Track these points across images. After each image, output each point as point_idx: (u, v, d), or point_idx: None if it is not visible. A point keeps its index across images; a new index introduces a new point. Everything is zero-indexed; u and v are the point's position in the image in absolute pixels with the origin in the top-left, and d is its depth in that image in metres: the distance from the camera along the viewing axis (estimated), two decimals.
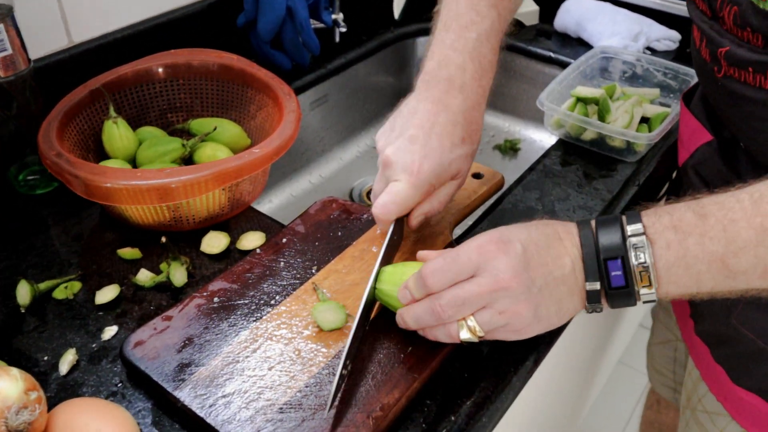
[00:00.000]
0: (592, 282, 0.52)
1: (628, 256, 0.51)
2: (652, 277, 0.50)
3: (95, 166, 0.65)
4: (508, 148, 1.16)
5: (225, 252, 0.70)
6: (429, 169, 0.60)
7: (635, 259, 0.50)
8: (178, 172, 0.65)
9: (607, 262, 0.51)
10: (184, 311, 0.61)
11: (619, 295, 0.52)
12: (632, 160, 0.84)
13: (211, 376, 0.55)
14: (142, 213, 0.70)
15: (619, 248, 0.51)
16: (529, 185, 0.81)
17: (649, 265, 0.50)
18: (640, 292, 0.51)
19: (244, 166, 0.68)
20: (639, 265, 0.50)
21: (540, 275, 0.51)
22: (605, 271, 0.51)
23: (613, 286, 0.51)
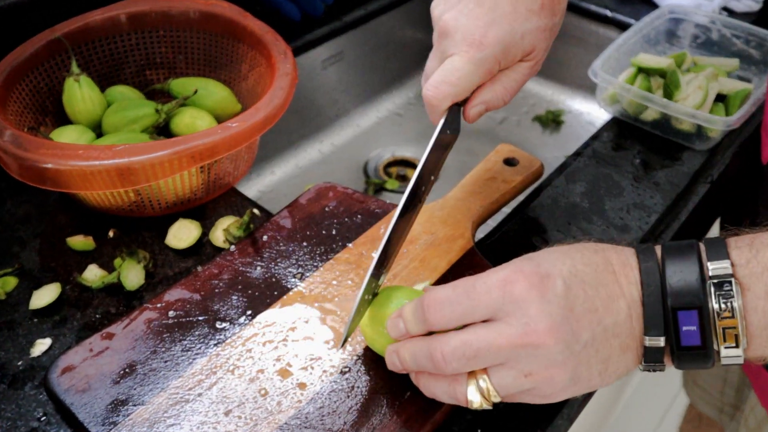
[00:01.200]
0: (653, 337, 0.38)
1: (707, 306, 0.37)
2: (740, 336, 0.37)
3: (32, 140, 0.53)
4: (550, 120, 1.01)
5: (195, 246, 0.58)
6: (496, 38, 0.48)
7: (718, 311, 0.37)
8: (133, 150, 0.52)
9: (678, 313, 0.37)
10: (129, 328, 0.49)
11: (691, 356, 0.38)
12: (703, 148, 0.69)
13: (152, 419, 0.43)
14: (99, 195, 0.57)
15: (696, 294, 0.37)
16: (573, 175, 0.66)
17: (738, 320, 0.36)
18: (721, 353, 0.37)
19: (220, 143, 0.54)
20: (723, 319, 0.37)
21: (586, 326, 0.38)
22: (673, 323, 0.38)
23: (684, 345, 0.38)
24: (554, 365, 0.37)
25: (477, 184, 0.60)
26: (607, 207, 0.62)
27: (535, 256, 0.40)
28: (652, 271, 0.38)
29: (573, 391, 0.39)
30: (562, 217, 0.61)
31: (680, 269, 0.38)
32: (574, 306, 0.38)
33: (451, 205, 0.58)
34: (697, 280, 0.37)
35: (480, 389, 0.39)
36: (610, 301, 0.38)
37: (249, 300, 0.50)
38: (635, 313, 0.38)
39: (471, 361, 0.38)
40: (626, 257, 0.40)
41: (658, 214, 0.61)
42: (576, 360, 0.38)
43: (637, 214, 0.61)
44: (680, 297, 0.37)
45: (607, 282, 0.39)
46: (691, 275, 0.37)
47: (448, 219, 0.57)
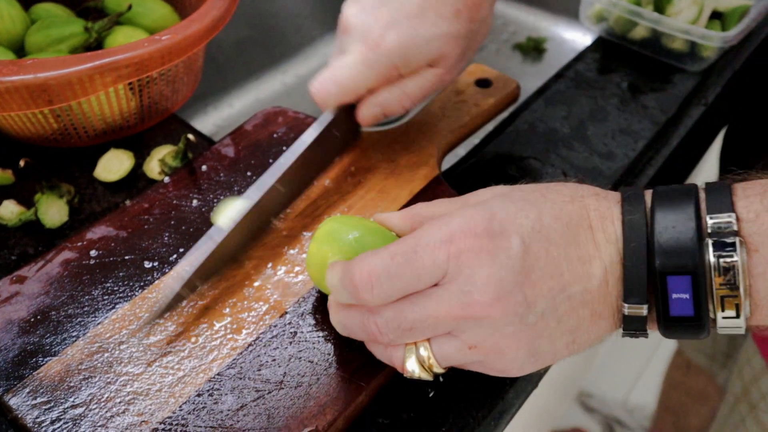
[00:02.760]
0: (634, 305, 0.32)
1: (703, 270, 0.30)
2: (742, 304, 0.30)
3: None
4: (531, 48, 0.94)
5: (128, 179, 0.51)
6: (395, 41, 0.43)
7: (718, 276, 0.30)
8: (46, 64, 0.45)
9: (667, 278, 0.31)
10: (44, 270, 0.42)
11: (682, 327, 0.32)
12: (696, 69, 0.63)
13: (64, 372, 0.37)
14: (17, 121, 0.50)
15: (690, 255, 0.30)
16: (553, 98, 0.60)
17: (740, 287, 0.30)
18: (718, 322, 0.31)
19: (149, 57, 0.47)
20: (723, 287, 0.30)
21: (545, 294, 0.31)
22: (661, 289, 0.31)
23: (673, 315, 0.31)
24: (503, 338, 0.32)
25: (445, 107, 0.54)
26: (591, 133, 0.56)
27: (494, 204, 0.33)
28: (637, 225, 0.32)
29: (535, 365, 0.33)
30: (541, 144, 0.55)
31: (672, 223, 0.31)
32: (532, 271, 0.31)
33: (415, 129, 0.52)
34: (693, 238, 0.30)
35: (420, 358, 0.34)
36: (581, 263, 0.32)
37: (182, 237, 0.44)
38: (613, 277, 0.32)
39: (407, 333, 0.33)
40: (608, 206, 0.33)
41: (647, 140, 0.55)
42: (532, 332, 0.32)
43: (624, 141, 0.55)
44: (670, 258, 0.30)
45: (580, 240, 0.32)
46: (686, 232, 0.30)
47: (412, 145, 0.50)
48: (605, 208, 0.33)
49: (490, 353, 0.32)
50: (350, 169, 0.49)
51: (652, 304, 0.32)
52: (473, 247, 0.31)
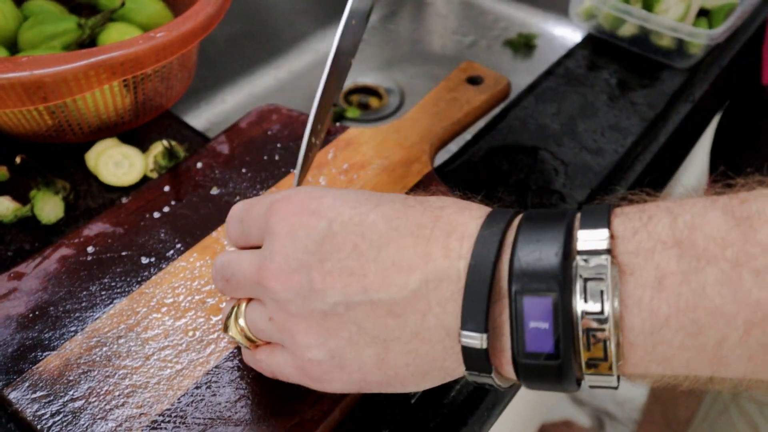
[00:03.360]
0: (469, 332, 0.26)
1: (568, 295, 0.25)
2: (611, 347, 0.25)
3: None
4: (521, 44, 0.94)
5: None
6: None
7: (582, 304, 0.25)
8: (41, 61, 0.46)
9: (523, 300, 0.26)
10: (41, 266, 0.43)
11: (540, 370, 0.26)
12: (684, 66, 0.64)
13: (63, 366, 0.38)
14: (11, 118, 0.51)
15: (552, 274, 0.25)
16: (544, 95, 0.60)
17: (608, 320, 0.24)
18: (583, 367, 0.26)
19: (143, 54, 0.48)
20: (588, 317, 0.25)
21: (338, 289, 0.29)
22: (517, 317, 0.26)
23: (529, 351, 0.26)
24: (290, 316, 0.30)
25: (437, 104, 0.55)
26: (581, 129, 0.57)
27: (334, 190, 0.32)
28: (489, 241, 0.27)
29: (343, 375, 0.30)
30: (531, 140, 0.55)
31: (537, 238, 0.26)
32: (328, 258, 0.29)
33: (408, 126, 0.52)
34: (558, 254, 0.25)
35: (236, 315, 0.34)
36: (395, 271, 0.28)
37: (178, 233, 0.45)
38: (438, 295, 0.27)
39: (227, 285, 0.34)
40: (465, 222, 0.28)
41: (635, 136, 0.56)
42: (325, 324, 0.29)
43: (613, 137, 0.56)
44: (529, 278, 0.25)
45: (405, 247, 0.28)
46: (550, 248, 0.25)
47: (405, 142, 0.51)
48: (459, 223, 0.28)
49: (284, 332, 0.31)
50: (343, 166, 0.49)
51: (499, 337, 0.27)
52: (283, 216, 0.31)
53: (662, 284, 0.24)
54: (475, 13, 0.99)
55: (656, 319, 0.24)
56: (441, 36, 0.99)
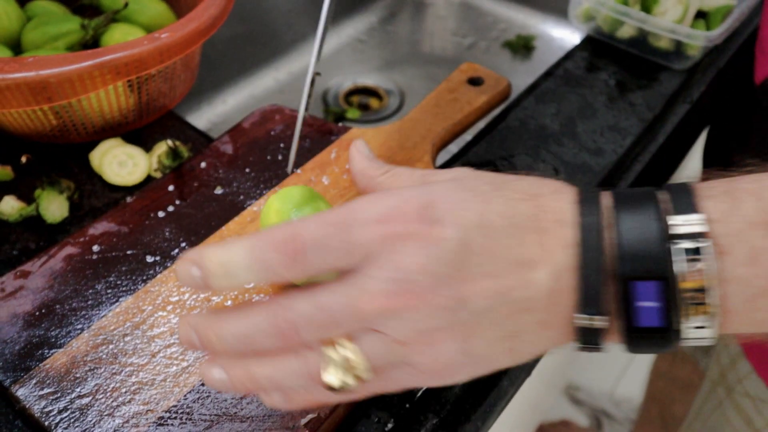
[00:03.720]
0: (588, 315, 0.28)
1: (673, 275, 0.27)
2: (714, 311, 0.28)
3: None
4: (520, 45, 0.95)
5: None
6: None
7: (687, 281, 0.27)
8: (46, 62, 0.46)
9: (633, 284, 0.28)
10: (47, 265, 0.43)
11: (650, 340, 0.29)
12: (682, 67, 0.64)
13: (70, 363, 0.38)
14: (16, 118, 0.51)
15: (658, 259, 0.28)
16: (544, 96, 0.61)
17: (711, 292, 0.27)
18: (685, 331, 0.28)
19: (147, 55, 0.48)
20: (692, 293, 0.27)
21: (479, 293, 0.28)
22: (625, 298, 0.28)
23: (642, 325, 0.28)
24: (432, 331, 0.28)
25: (438, 104, 0.55)
26: (580, 129, 0.57)
27: (437, 189, 0.30)
28: (595, 229, 0.28)
29: (470, 369, 0.30)
30: (531, 140, 0.56)
31: (637, 224, 0.28)
32: (467, 267, 0.28)
33: (410, 127, 0.53)
34: (659, 239, 0.28)
35: (339, 362, 0.29)
36: (522, 269, 0.29)
37: (183, 232, 0.45)
38: (566, 285, 0.29)
39: (327, 327, 0.28)
40: (564, 208, 0.30)
41: (634, 137, 0.57)
42: (465, 329, 0.29)
43: (612, 137, 0.57)
44: (635, 262, 0.28)
45: (526, 242, 0.29)
46: (652, 233, 0.28)
47: (406, 142, 0.51)
48: (562, 210, 0.30)
49: (420, 346, 0.29)
50: (346, 166, 0.50)
51: (613, 316, 0.29)
52: (405, 232, 0.28)
53: (756, 260, 0.27)
54: (475, 14, 0.99)
55: (753, 289, 0.27)
56: (440, 37, 1.00)
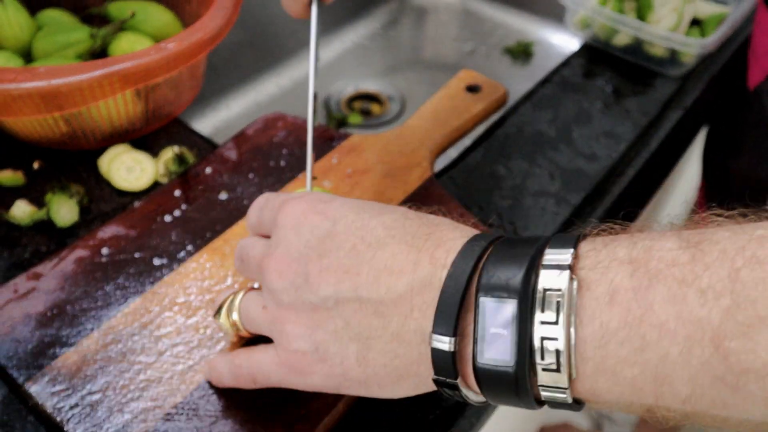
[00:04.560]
0: (439, 335, 0.27)
1: (527, 305, 0.26)
2: (562, 358, 0.25)
3: None
4: (520, 51, 0.97)
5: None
6: None
7: (539, 314, 0.25)
8: (58, 71, 0.48)
9: (485, 303, 0.27)
10: (59, 267, 0.45)
11: (497, 376, 0.26)
12: (676, 74, 0.66)
13: (81, 361, 0.40)
14: (27, 125, 0.53)
15: (515, 282, 0.26)
16: (541, 102, 0.62)
17: (561, 329, 0.25)
18: (538, 376, 0.26)
19: (155, 64, 0.50)
20: (544, 326, 0.25)
21: (331, 283, 0.30)
22: (478, 321, 0.27)
23: (488, 356, 0.26)
24: (282, 307, 0.32)
25: (437, 111, 0.57)
26: (576, 135, 0.59)
27: (342, 198, 0.34)
28: (469, 255, 0.28)
29: (326, 368, 0.31)
30: (528, 146, 0.58)
31: (509, 255, 0.27)
32: (327, 255, 0.31)
33: (409, 133, 0.54)
34: (523, 266, 0.26)
35: (231, 304, 0.37)
36: (387, 274, 0.29)
37: (189, 235, 0.47)
38: (421, 300, 0.29)
39: (241, 264, 0.37)
40: (454, 238, 0.30)
41: (628, 142, 0.58)
42: (313, 317, 0.31)
43: (607, 143, 0.58)
44: (494, 287, 0.26)
45: (398, 252, 0.30)
46: (520, 260, 0.26)
47: (405, 148, 0.53)
48: (449, 239, 0.30)
49: (274, 322, 0.33)
50: (347, 171, 0.51)
51: (466, 346, 0.28)
52: (292, 213, 0.33)
53: (614, 299, 0.24)
54: (475, 21, 1.01)
55: (606, 331, 0.24)
56: (441, 43, 1.01)
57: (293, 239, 0.32)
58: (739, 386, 0.22)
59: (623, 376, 0.24)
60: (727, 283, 0.23)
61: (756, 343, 0.22)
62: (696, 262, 0.24)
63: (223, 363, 0.37)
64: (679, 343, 0.23)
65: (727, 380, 0.22)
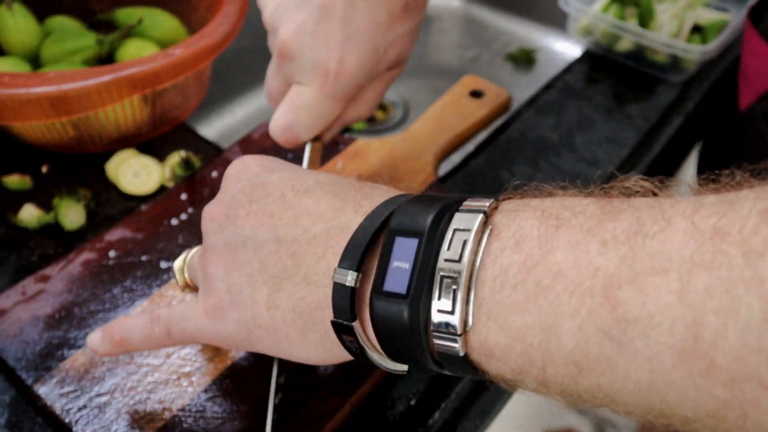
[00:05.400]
0: (342, 269, 0.27)
1: (433, 243, 0.25)
2: (458, 299, 0.24)
3: None
4: (522, 58, 0.97)
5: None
6: (354, 64, 0.39)
7: (445, 252, 0.24)
8: (66, 76, 0.48)
9: (395, 239, 0.26)
10: (66, 270, 0.45)
11: (390, 312, 0.25)
12: (678, 80, 0.66)
13: (89, 363, 0.40)
14: (35, 130, 0.53)
15: (425, 222, 0.25)
16: (543, 108, 0.63)
17: (462, 269, 0.24)
18: (431, 316, 0.24)
19: (162, 70, 0.50)
20: (447, 264, 0.24)
21: (253, 224, 0.31)
22: (384, 254, 0.26)
23: (386, 289, 0.25)
24: (209, 249, 0.33)
25: (441, 116, 0.57)
26: (578, 140, 0.59)
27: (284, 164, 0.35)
28: (391, 203, 0.28)
29: (237, 312, 0.31)
30: (531, 151, 0.58)
31: (430, 201, 0.27)
32: (255, 201, 0.31)
33: (413, 138, 0.55)
34: (437, 209, 0.26)
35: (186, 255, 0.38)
36: (307, 217, 0.30)
37: (195, 238, 0.47)
38: (340, 241, 0.28)
39: None
40: (381, 193, 0.30)
41: (630, 148, 0.59)
42: (231, 256, 0.31)
43: (609, 148, 0.59)
44: (403, 223, 0.26)
45: (322, 199, 0.30)
46: (436, 206, 0.26)
47: (410, 153, 0.53)
48: (380, 194, 0.30)
49: (201, 266, 0.33)
50: (352, 175, 0.52)
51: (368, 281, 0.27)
52: (236, 164, 0.34)
53: (519, 244, 0.24)
54: (477, 27, 1.02)
55: (504, 275, 0.23)
56: (444, 50, 1.02)
57: (231, 186, 0.33)
58: (623, 342, 0.21)
59: (513, 325, 0.23)
60: (630, 234, 0.22)
61: (646, 294, 0.21)
62: (605, 215, 0.23)
63: (141, 318, 0.36)
64: (571, 290, 0.22)
65: (613, 334, 0.21)
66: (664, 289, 0.20)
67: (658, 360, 0.21)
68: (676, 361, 0.20)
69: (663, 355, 0.20)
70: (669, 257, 0.21)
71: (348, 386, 0.39)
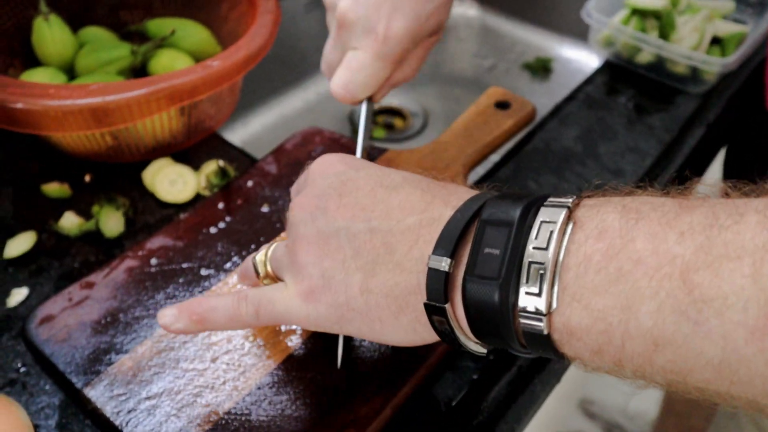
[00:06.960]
0: (437, 256, 0.29)
1: (522, 227, 0.27)
2: (545, 283, 0.26)
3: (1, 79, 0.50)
4: (539, 67, 0.98)
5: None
6: (401, 29, 0.46)
7: (533, 241, 0.27)
8: (109, 88, 0.50)
9: (485, 228, 0.28)
10: (110, 276, 0.47)
11: (481, 295, 0.28)
12: (698, 91, 0.67)
13: (136, 367, 0.41)
14: (75, 140, 0.55)
15: (514, 214, 0.28)
16: (566, 119, 0.64)
17: (547, 255, 0.26)
18: (519, 299, 0.27)
19: (200, 82, 0.52)
20: (534, 251, 0.27)
21: (346, 217, 0.33)
22: (476, 241, 0.28)
23: (477, 273, 0.28)
24: (298, 238, 0.34)
25: (468, 127, 0.58)
26: (602, 151, 0.61)
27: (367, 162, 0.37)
28: (481, 198, 0.30)
29: (330, 296, 0.33)
30: (556, 161, 0.59)
31: (517, 196, 0.29)
32: (346, 195, 0.33)
33: (442, 149, 0.56)
34: (524, 203, 0.28)
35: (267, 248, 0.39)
36: (399, 210, 0.32)
37: (235, 246, 0.49)
38: (432, 232, 0.30)
39: None
40: (473, 191, 0.33)
41: (653, 158, 0.60)
42: (324, 248, 0.33)
43: (632, 158, 0.60)
44: (494, 215, 0.28)
45: (413, 195, 0.32)
46: (523, 201, 0.28)
47: (439, 163, 0.55)
48: (464, 191, 0.33)
49: (290, 254, 0.35)
50: None
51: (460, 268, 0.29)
52: (321, 163, 0.36)
53: (601, 235, 0.26)
54: (494, 37, 1.03)
55: (587, 261, 0.26)
56: (461, 59, 1.03)
57: (319, 181, 0.35)
58: (699, 320, 0.23)
59: (595, 307, 0.25)
60: (706, 226, 0.24)
61: (721, 278, 0.23)
62: (682, 209, 0.25)
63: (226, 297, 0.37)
64: (650, 275, 0.24)
65: (690, 313, 0.23)
66: (738, 273, 0.22)
67: (731, 337, 0.22)
68: (747, 338, 0.22)
69: (735, 332, 0.22)
70: (742, 245, 0.23)
71: (390, 388, 0.40)
